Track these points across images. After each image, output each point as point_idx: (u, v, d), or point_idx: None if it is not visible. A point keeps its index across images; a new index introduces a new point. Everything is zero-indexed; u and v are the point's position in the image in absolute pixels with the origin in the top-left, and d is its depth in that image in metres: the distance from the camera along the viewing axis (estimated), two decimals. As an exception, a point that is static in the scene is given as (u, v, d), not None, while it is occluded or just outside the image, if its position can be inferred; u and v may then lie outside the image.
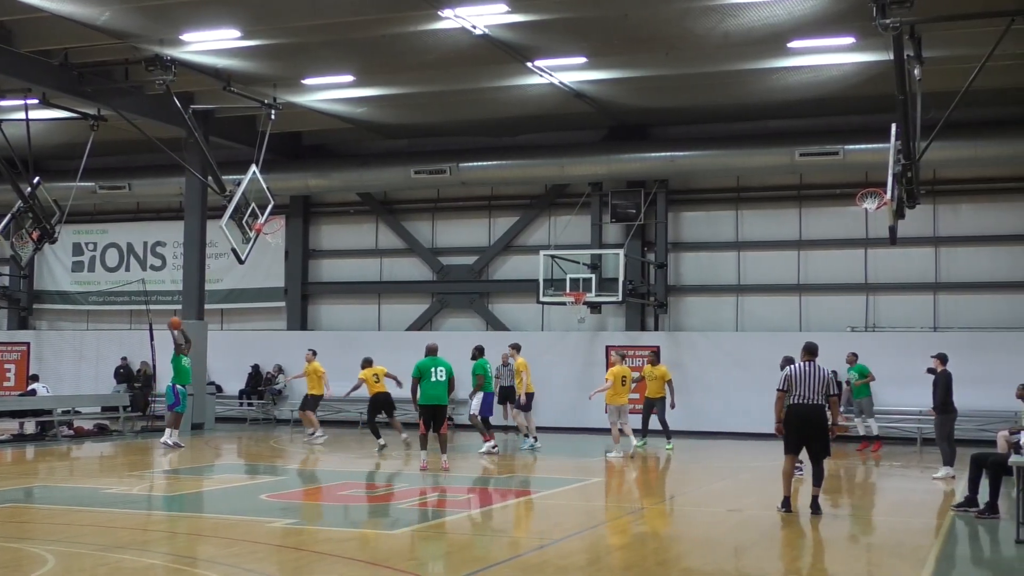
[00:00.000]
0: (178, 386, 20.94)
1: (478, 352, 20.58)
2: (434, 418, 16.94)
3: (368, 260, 29.32)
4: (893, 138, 17.03)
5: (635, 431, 20.40)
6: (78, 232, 31.54)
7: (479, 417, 20.35)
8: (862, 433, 21.72)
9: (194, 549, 10.56)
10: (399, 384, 20.40)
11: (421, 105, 24.69)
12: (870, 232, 24.59)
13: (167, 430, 20.66)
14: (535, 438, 21.04)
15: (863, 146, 23.34)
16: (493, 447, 19.88)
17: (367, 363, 20.91)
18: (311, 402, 22.54)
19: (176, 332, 21.25)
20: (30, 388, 24.18)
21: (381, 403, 20.65)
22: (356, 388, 20.96)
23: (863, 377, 21.46)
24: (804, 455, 12.93)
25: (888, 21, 14.64)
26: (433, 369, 16.83)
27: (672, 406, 21.08)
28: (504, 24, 18.90)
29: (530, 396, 21.25)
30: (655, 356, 22.00)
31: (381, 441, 20.00)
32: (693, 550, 10.75)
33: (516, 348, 21.56)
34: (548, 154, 26.44)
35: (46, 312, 32.72)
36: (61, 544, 10.21)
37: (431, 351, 17.22)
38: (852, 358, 21.60)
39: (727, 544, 11.04)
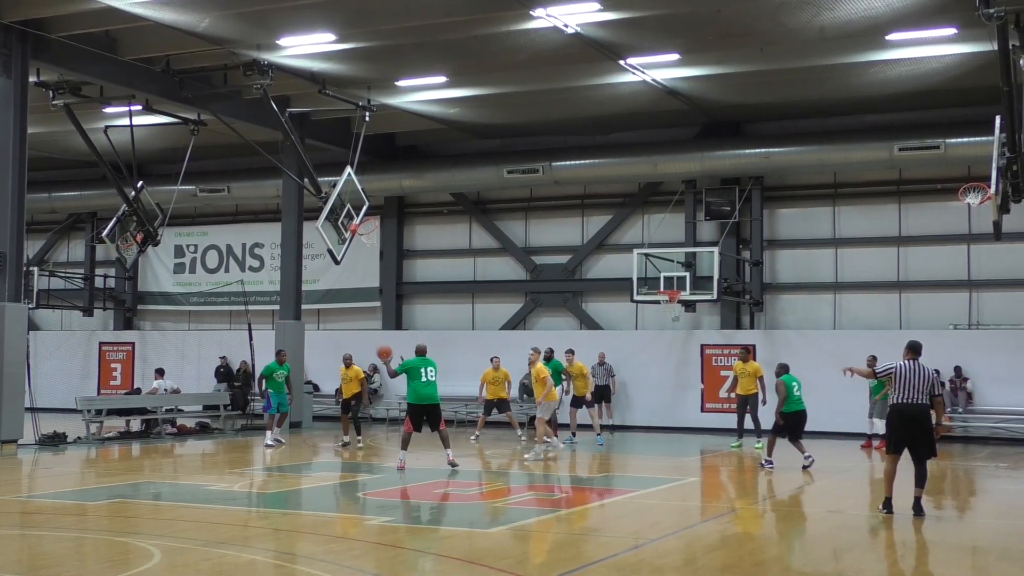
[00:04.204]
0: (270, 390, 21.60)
1: (551, 353, 21.35)
2: (429, 416, 17.04)
3: (462, 260, 29.48)
4: (997, 131, 16.65)
5: (731, 431, 20.17)
6: (179, 234, 32.30)
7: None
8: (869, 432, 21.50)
9: (293, 545, 10.72)
10: (368, 399, 21.87)
11: (513, 105, 24.75)
12: (973, 228, 24.01)
13: (276, 429, 21.46)
14: (573, 434, 21.89)
15: (965, 139, 22.82)
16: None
17: (348, 361, 21.50)
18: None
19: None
20: (155, 383, 25.16)
21: (349, 403, 21.30)
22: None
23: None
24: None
25: (992, 10, 14.32)
26: (423, 369, 16.91)
27: (764, 402, 20.79)
28: (596, 22, 18.83)
29: (582, 397, 22.07)
30: (745, 352, 21.61)
31: (346, 438, 20.99)
32: (792, 551, 10.61)
33: (572, 353, 21.95)
34: (641, 152, 26.27)
35: (149, 313, 33.53)
36: (166, 539, 10.46)
37: (420, 351, 17.36)
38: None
39: (826, 545, 10.87)
